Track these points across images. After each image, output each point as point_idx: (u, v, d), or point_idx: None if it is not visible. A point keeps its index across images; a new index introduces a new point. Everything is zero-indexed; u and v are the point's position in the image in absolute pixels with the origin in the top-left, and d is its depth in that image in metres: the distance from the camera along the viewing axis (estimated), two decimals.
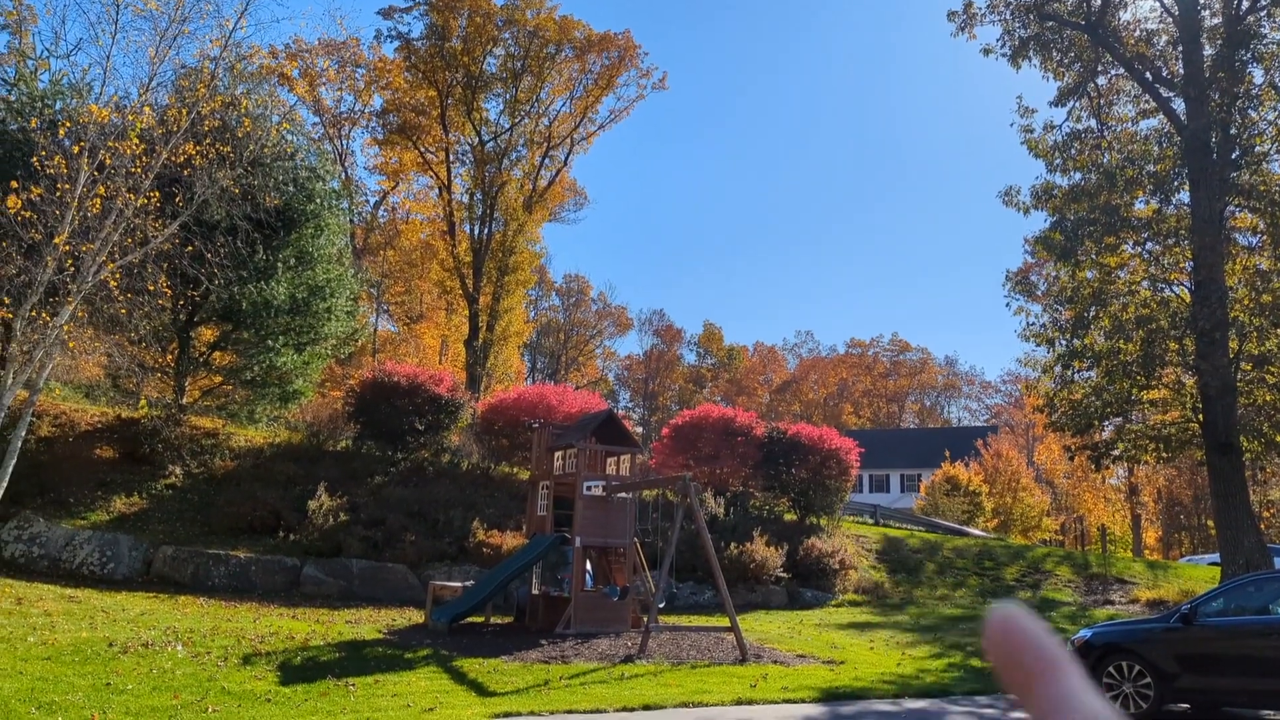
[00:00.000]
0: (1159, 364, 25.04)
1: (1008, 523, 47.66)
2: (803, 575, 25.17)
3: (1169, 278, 26.47)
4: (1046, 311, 28.05)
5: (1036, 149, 27.81)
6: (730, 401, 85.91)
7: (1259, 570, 21.68)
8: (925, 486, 47.90)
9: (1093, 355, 26.00)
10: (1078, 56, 27.51)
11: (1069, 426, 26.21)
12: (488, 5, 44.55)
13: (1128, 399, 25.67)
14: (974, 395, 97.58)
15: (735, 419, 29.57)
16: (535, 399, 28.63)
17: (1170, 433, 25.73)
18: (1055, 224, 26.87)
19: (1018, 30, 27.72)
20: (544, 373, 79.94)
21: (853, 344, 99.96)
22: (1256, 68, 25.49)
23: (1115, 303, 26.32)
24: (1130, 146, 27.08)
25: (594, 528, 18.35)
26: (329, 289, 25.90)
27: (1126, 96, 28.17)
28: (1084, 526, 58.55)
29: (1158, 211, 26.26)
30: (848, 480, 29.49)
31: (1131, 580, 27.25)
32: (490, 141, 46.75)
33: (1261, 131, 25.37)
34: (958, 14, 28.16)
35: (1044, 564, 28.24)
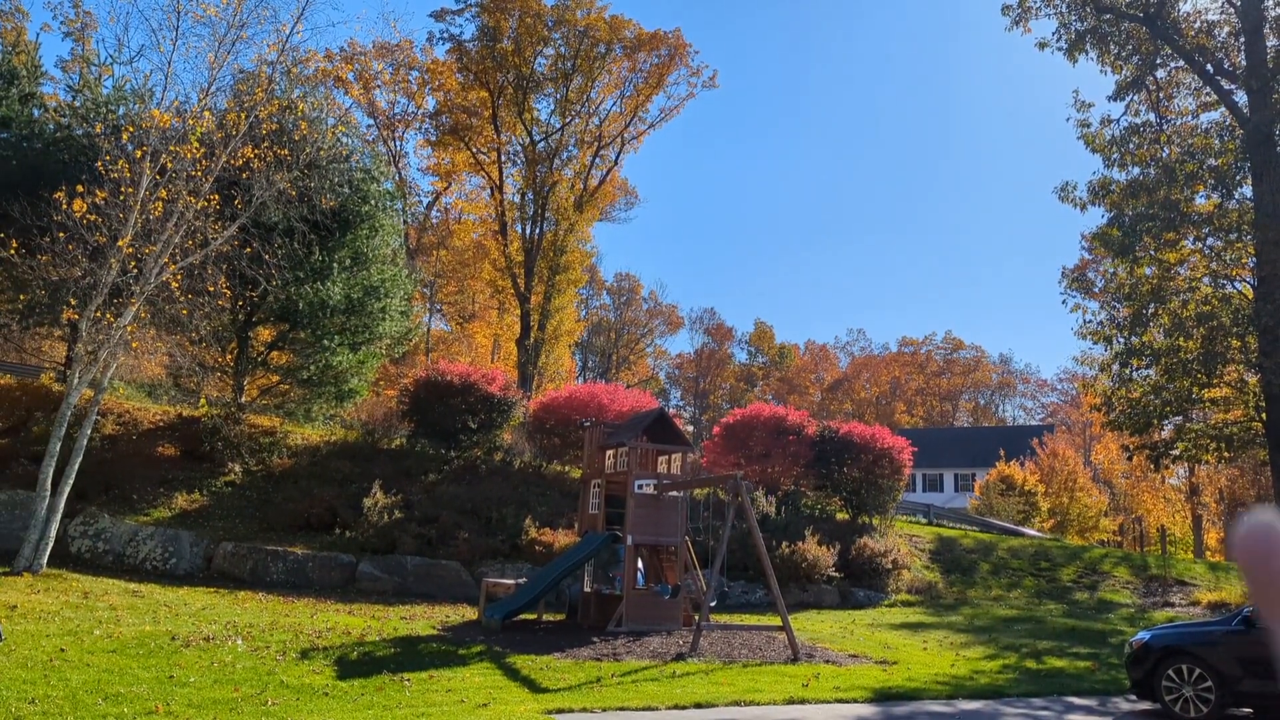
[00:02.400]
0: (1220, 362, 24.50)
1: (1064, 523, 46.84)
2: (855, 575, 25.02)
3: (1231, 274, 25.87)
4: (1104, 309, 27.59)
5: (1094, 144, 27.34)
6: (782, 400, 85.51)
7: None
8: (980, 486, 47.28)
9: (1152, 353, 25.51)
10: (1136, 49, 26.97)
11: (1127, 426, 25.74)
12: (538, 6, 44.84)
13: (1188, 398, 25.15)
14: (1029, 394, 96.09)
15: (786, 418, 29.46)
16: (586, 398, 28.79)
17: (1232, 432, 25.15)
18: (1113, 220, 26.40)
19: (1074, 23, 27.29)
20: (595, 371, 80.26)
21: (905, 342, 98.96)
22: None
23: (1175, 299, 25.79)
24: (1190, 140, 26.52)
25: (646, 526, 18.42)
26: (383, 289, 26.28)
27: (1186, 89, 27.58)
28: (1143, 527, 57.31)
29: (1219, 206, 25.69)
30: (900, 479, 29.24)
31: (1192, 582, 26.67)
32: (541, 141, 47.05)
33: None
34: (1012, 8, 27.81)
35: (1101, 565, 27.75)
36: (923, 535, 29.74)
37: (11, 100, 24.93)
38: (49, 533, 17.93)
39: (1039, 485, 45.43)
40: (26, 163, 23.42)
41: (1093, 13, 26.85)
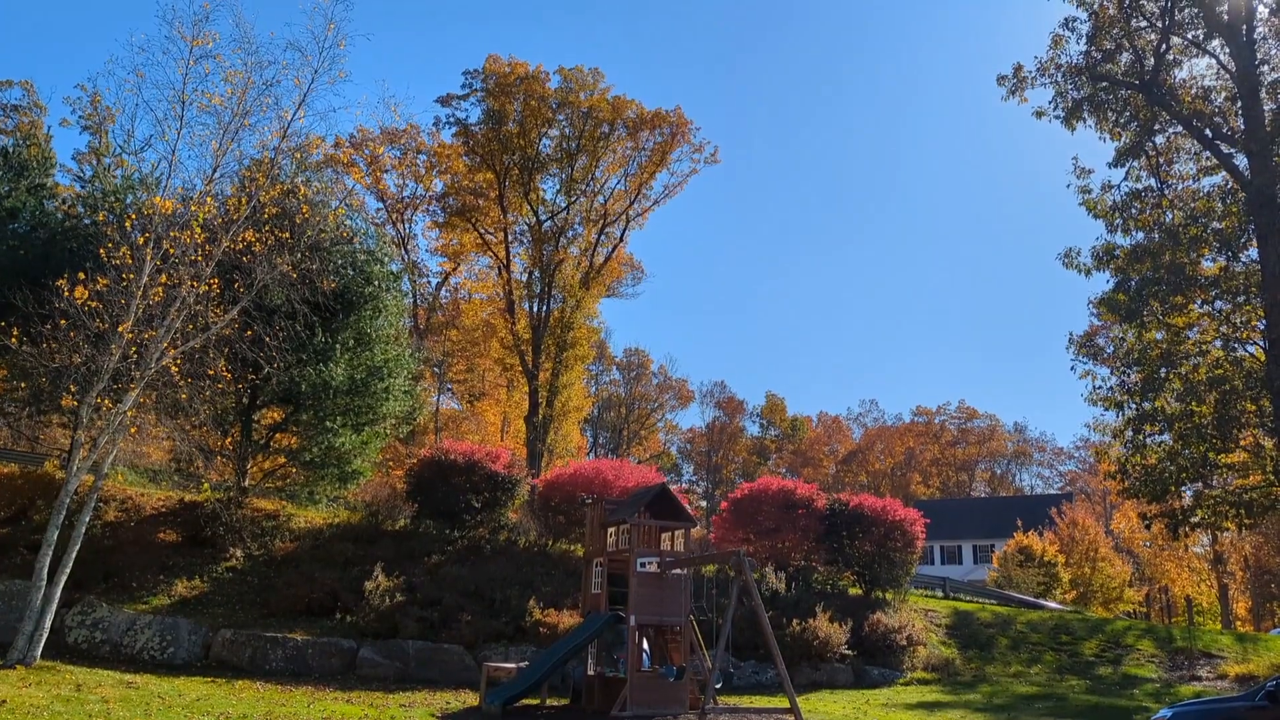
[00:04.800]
0: (1236, 426, 24.12)
1: (1087, 594, 45.78)
2: (868, 652, 24.35)
3: (1241, 336, 25.61)
4: (1114, 374, 27.26)
5: (1096, 210, 27.38)
6: (795, 473, 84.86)
7: None
8: (998, 557, 46.37)
9: (1164, 418, 25.15)
10: (1134, 116, 27.15)
11: (1144, 493, 25.26)
12: (542, 89, 45.73)
13: (1204, 463, 24.69)
14: (1046, 462, 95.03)
15: (796, 491, 29.05)
16: (592, 474, 28.48)
17: (1252, 497, 24.62)
18: (1119, 285, 26.32)
19: (1070, 92, 27.51)
20: (606, 448, 79.92)
21: (919, 412, 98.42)
22: None
23: (1186, 364, 25.52)
24: (1193, 204, 26.52)
25: (649, 605, 18.00)
26: (387, 369, 26.24)
27: (1186, 154, 27.64)
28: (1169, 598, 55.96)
29: (1225, 269, 25.57)
30: (913, 552, 28.65)
31: (1219, 654, 25.85)
32: (547, 220, 47.56)
33: None
34: (1007, 78, 28.09)
35: (1125, 638, 26.95)
36: (939, 610, 29.02)
37: (20, 192, 25.34)
38: (44, 623, 17.64)
39: (1059, 556, 44.54)
40: (34, 252, 23.68)
41: (1089, 81, 27.09)
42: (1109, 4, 27.00)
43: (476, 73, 47.15)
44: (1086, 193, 27.51)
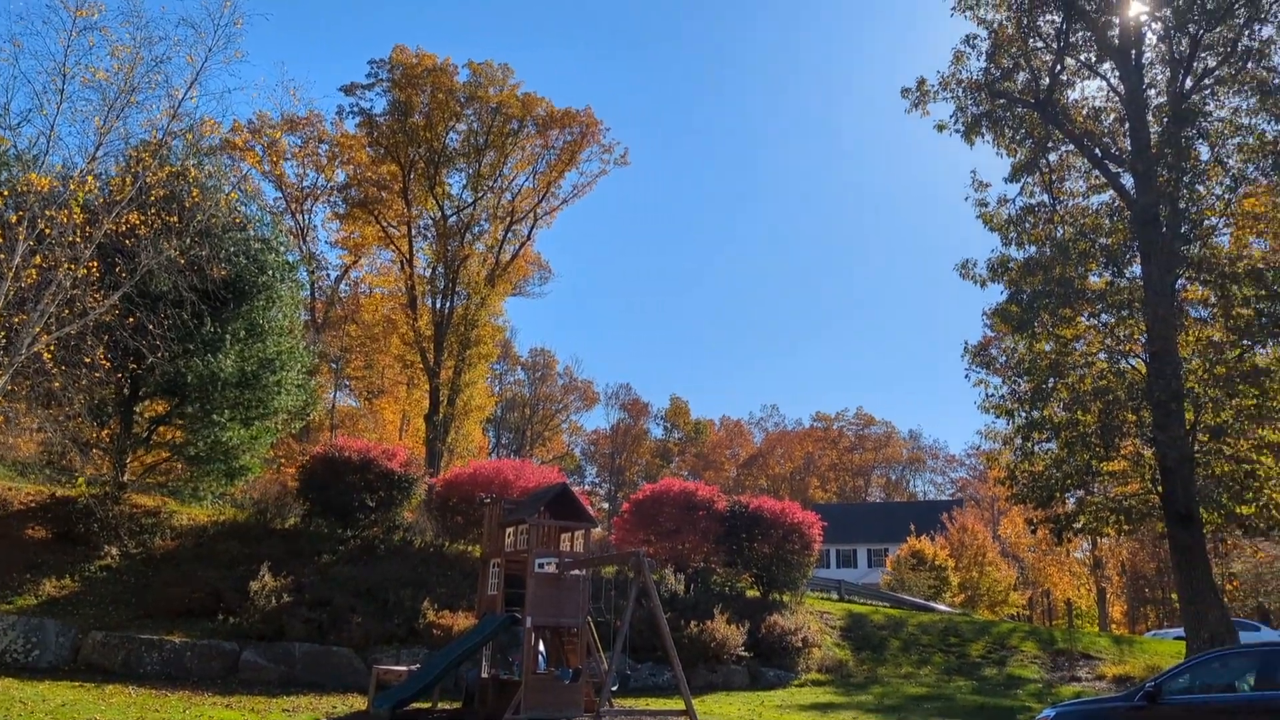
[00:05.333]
0: (1118, 435, 24.95)
1: (974, 597, 47.15)
2: (765, 654, 24.49)
3: (1125, 349, 26.55)
4: (1006, 383, 27.95)
5: (992, 223, 28.04)
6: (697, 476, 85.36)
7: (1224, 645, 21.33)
8: (891, 561, 47.41)
9: (1052, 427, 25.90)
10: (1029, 133, 27.92)
11: (1030, 499, 25.95)
12: (450, 82, 44.96)
13: (1088, 470, 25.48)
14: (938, 469, 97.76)
15: (697, 493, 29.09)
16: (492, 474, 28.02)
17: (1131, 504, 25.54)
18: (1012, 296, 26.94)
19: (970, 107, 28.14)
20: (509, 448, 79.15)
21: (818, 418, 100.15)
22: (1202, 144, 25.99)
23: (1073, 374, 26.32)
24: (1082, 220, 27.39)
25: (546, 607, 17.70)
26: (280, 362, 25.35)
27: (1077, 172, 28.53)
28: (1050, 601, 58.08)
29: (1111, 284, 26.45)
30: (811, 555, 28.99)
31: (1098, 656, 26.81)
32: (453, 216, 46.78)
33: (1210, 206, 25.77)
34: (911, 91, 28.64)
35: (1009, 640, 27.76)
36: (834, 612, 29.44)
37: None
38: None
39: (949, 560, 45.77)
40: None
41: (988, 98, 27.77)
42: (1008, 23, 27.76)
43: (383, 62, 46.06)
44: (984, 206, 28.19)
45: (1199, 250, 25.12)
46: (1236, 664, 12.80)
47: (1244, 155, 25.26)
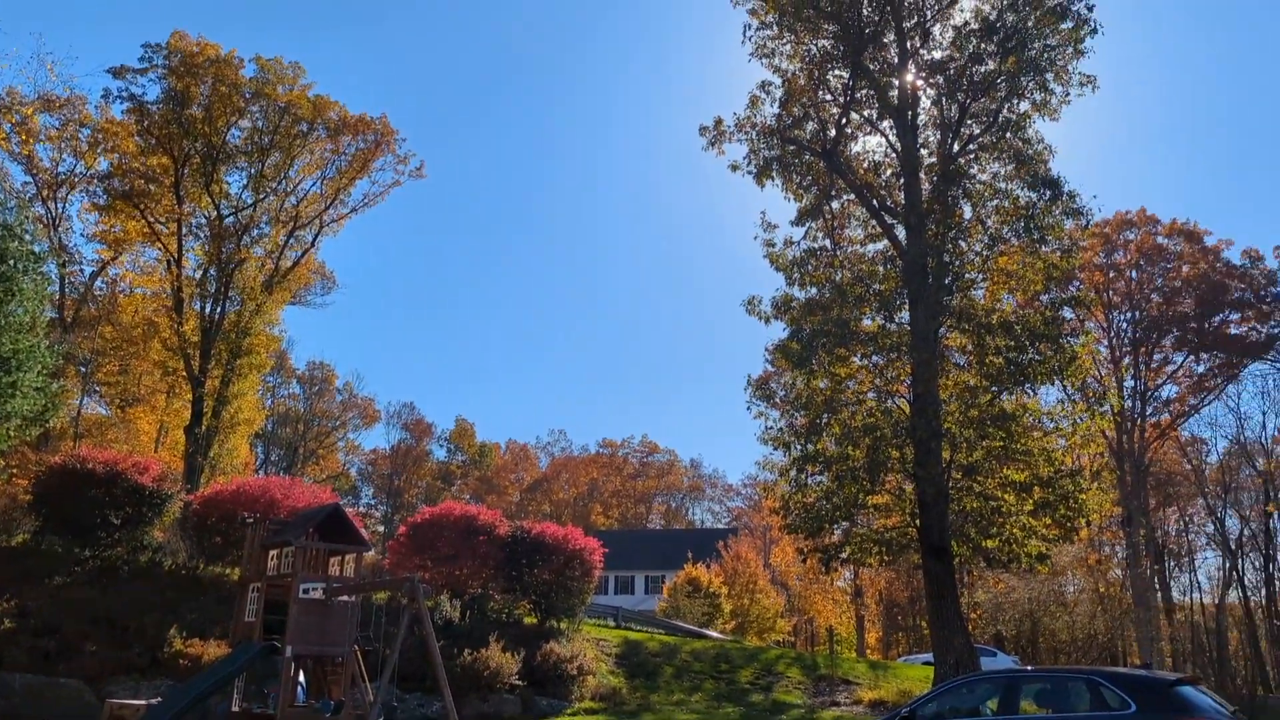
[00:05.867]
0: (883, 470, 26.30)
1: (745, 624, 48.55)
2: (539, 682, 24.07)
3: (892, 389, 28.10)
4: (784, 417, 28.98)
5: (778, 263, 29.05)
6: (480, 500, 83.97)
7: (967, 669, 22.81)
8: (668, 588, 48.13)
9: (824, 460, 26.99)
10: (815, 180, 29.21)
11: (802, 529, 26.90)
12: (234, 76, 42.33)
13: (855, 503, 26.74)
14: (717, 498, 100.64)
15: (478, 517, 28.38)
16: (258, 492, 26.22)
17: (892, 536, 26.96)
18: (793, 334, 27.94)
19: (763, 151, 29.16)
20: (279, 465, 74.92)
21: (604, 444, 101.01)
22: (966, 204, 28.06)
23: (845, 410, 27.57)
24: (859, 266, 28.84)
25: (310, 634, 16.63)
26: (16, 361, 22.72)
27: (857, 220, 29.99)
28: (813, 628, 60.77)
29: (882, 327, 27.96)
30: (590, 581, 28.86)
31: (856, 681, 28.06)
32: (230, 216, 43.92)
33: (970, 261, 27.81)
34: (709, 129, 29.41)
35: (777, 666, 28.63)
36: (610, 639, 29.42)
37: None
38: None
39: (722, 587, 46.93)
40: None
41: (779, 143, 28.89)
42: (800, 74, 29.07)
43: (159, 47, 42.68)
44: (771, 246, 29.18)
45: (959, 301, 27.02)
46: (981, 689, 13.56)
47: (1000, 217, 27.42)
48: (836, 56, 28.36)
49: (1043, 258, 26.75)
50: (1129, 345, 56.63)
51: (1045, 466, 25.72)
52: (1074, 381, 26.83)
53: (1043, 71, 26.75)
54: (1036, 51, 26.57)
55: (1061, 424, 26.96)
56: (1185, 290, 55.00)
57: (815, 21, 27.71)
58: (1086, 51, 26.74)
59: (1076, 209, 26.49)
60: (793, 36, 28.70)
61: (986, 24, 26.88)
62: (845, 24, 27.35)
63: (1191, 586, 73.26)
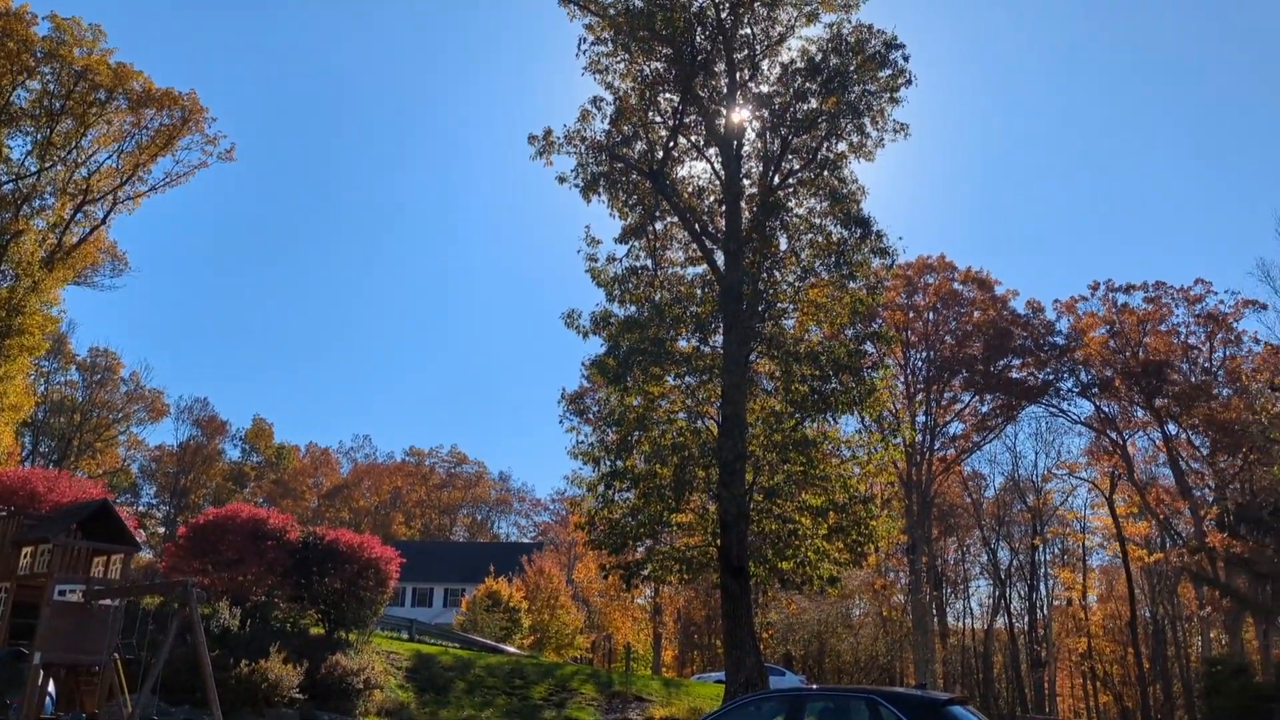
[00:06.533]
0: (688, 489, 26.64)
1: (544, 640, 48.17)
2: (323, 696, 22.90)
3: (702, 410, 28.54)
4: (596, 432, 28.93)
5: (599, 278, 29.01)
6: (275, 504, 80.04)
7: (757, 687, 23.32)
8: (467, 602, 47.13)
9: (632, 477, 27.10)
10: (641, 200, 29.38)
11: (606, 545, 26.88)
12: (25, 32, 38.78)
13: (659, 521, 26.97)
14: (525, 512, 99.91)
15: (268, 521, 26.86)
16: (16, 483, 23.80)
17: (693, 555, 27.30)
18: (610, 350, 27.96)
19: (591, 166, 29.09)
20: (48, 457, 68.82)
21: (411, 452, 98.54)
22: (783, 235, 28.93)
23: (656, 429, 27.79)
24: (679, 288, 29.19)
25: (64, 641, 15.19)
26: None
27: (679, 243, 30.29)
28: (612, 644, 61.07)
29: (697, 349, 28.39)
30: (385, 592, 27.81)
31: (649, 698, 28.22)
32: (10, 183, 40.15)
33: (783, 291, 28.68)
34: (538, 138, 29.14)
35: (571, 682, 28.43)
36: (402, 652, 28.44)
37: None
38: None
39: (523, 602, 46.39)
40: None
41: (608, 159, 28.93)
42: (632, 93, 29.29)
43: None
44: (594, 261, 29.10)
45: (771, 329, 27.78)
46: (768, 707, 13.81)
47: (813, 251, 28.40)
48: (668, 80, 28.74)
49: (850, 293, 27.85)
50: (923, 383, 60.10)
51: (841, 492, 26.70)
52: (872, 413, 27.98)
53: (861, 115, 27.95)
54: (856, 95, 27.75)
55: (858, 452, 28.10)
56: (975, 334, 58.94)
57: (649, 43, 28.00)
58: (901, 100, 28.13)
59: (884, 248, 27.75)
60: (627, 55, 28.92)
61: (812, 64, 27.89)
62: (678, 49, 27.76)
63: (965, 612, 78.49)
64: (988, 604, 73.43)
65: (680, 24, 27.64)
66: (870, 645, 60.78)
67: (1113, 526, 64.49)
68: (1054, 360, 59.20)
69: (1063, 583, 74.08)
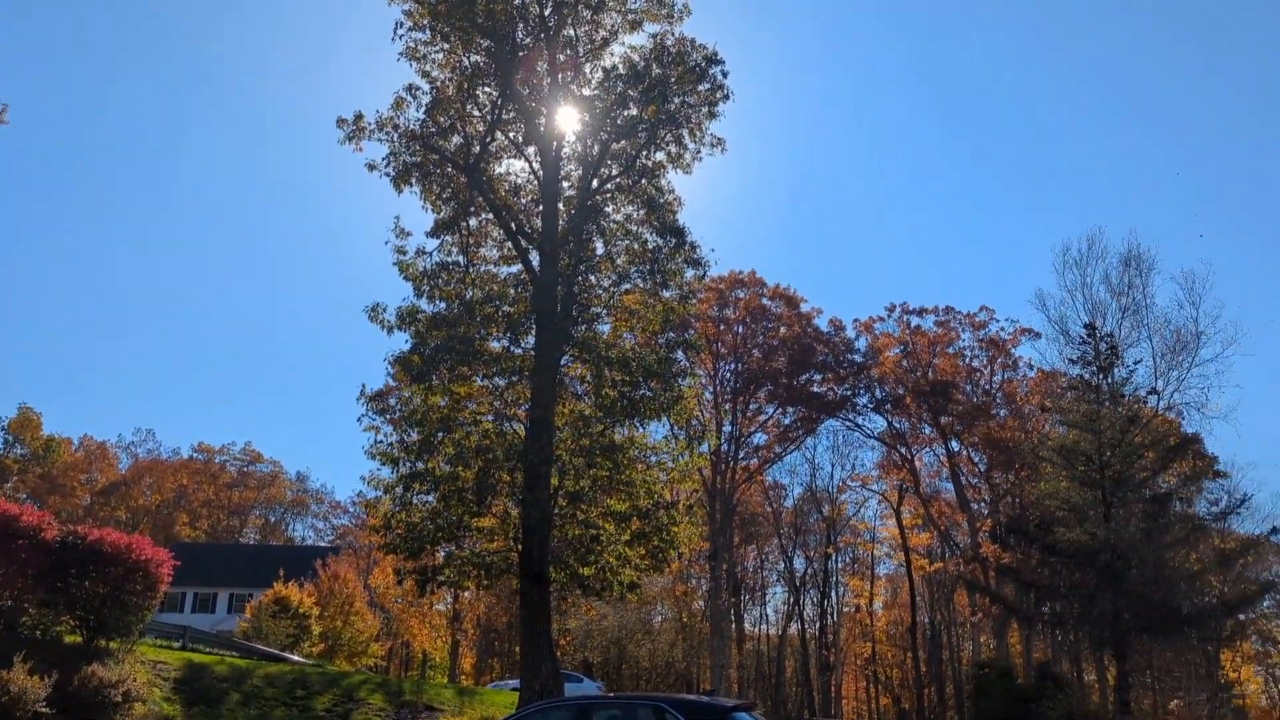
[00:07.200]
0: (492, 493, 26.11)
1: (336, 648, 46.25)
2: (76, 710, 20.74)
3: (510, 413, 28.09)
4: (397, 431, 27.88)
5: (408, 272, 28.07)
6: (40, 500, 73.60)
7: (552, 694, 23.03)
8: (252, 608, 44.53)
9: (434, 479, 26.30)
10: (455, 195, 28.63)
11: (403, 548, 25.99)
12: None
13: (460, 525, 26.28)
14: (322, 514, 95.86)
15: (20, 518, 24.19)
16: None
17: (494, 560, 26.79)
18: (415, 347, 27.10)
19: (404, 155, 28.10)
20: None
21: (200, 449, 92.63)
22: (599, 240, 28.91)
23: (461, 430, 27.09)
24: (491, 286, 28.61)
25: None
26: None
27: (494, 241, 29.71)
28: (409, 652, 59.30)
29: (507, 350, 27.95)
30: (154, 597, 25.61)
31: (440, 707, 27.36)
32: None
33: (597, 295, 28.62)
34: (348, 122, 27.82)
35: (359, 692, 27.16)
36: (171, 662, 26.35)
37: None
38: None
39: (315, 608, 44.31)
40: None
41: (422, 150, 28.00)
42: (450, 84, 28.50)
43: None
44: (403, 254, 28.15)
45: (584, 332, 27.66)
46: (557, 715, 13.67)
47: (629, 257, 28.49)
48: (488, 74, 28.15)
49: (663, 301, 28.10)
50: (730, 393, 61.67)
51: (645, 498, 26.84)
52: (679, 420, 28.24)
53: (679, 126, 28.23)
54: (676, 106, 28.01)
55: (664, 459, 28.33)
56: (781, 349, 61.03)
57: (470, 34, 27.31)
58: (719, 115, 28.60)
59: (697, 259, 28.15)
60: (446, 45, 28.11)
61: (634, 71, 27.97)
62: (500, 43, 27.20)
63: (761, 619, 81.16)
64: (783, 610, 76.20)
65: (502, 17, 27.15)
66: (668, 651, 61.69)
67: (899, 537, 68.23)
68: (852, 377, 62.07)
69: (852, 590, 77.81)
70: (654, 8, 28.55)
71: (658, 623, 65.18)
